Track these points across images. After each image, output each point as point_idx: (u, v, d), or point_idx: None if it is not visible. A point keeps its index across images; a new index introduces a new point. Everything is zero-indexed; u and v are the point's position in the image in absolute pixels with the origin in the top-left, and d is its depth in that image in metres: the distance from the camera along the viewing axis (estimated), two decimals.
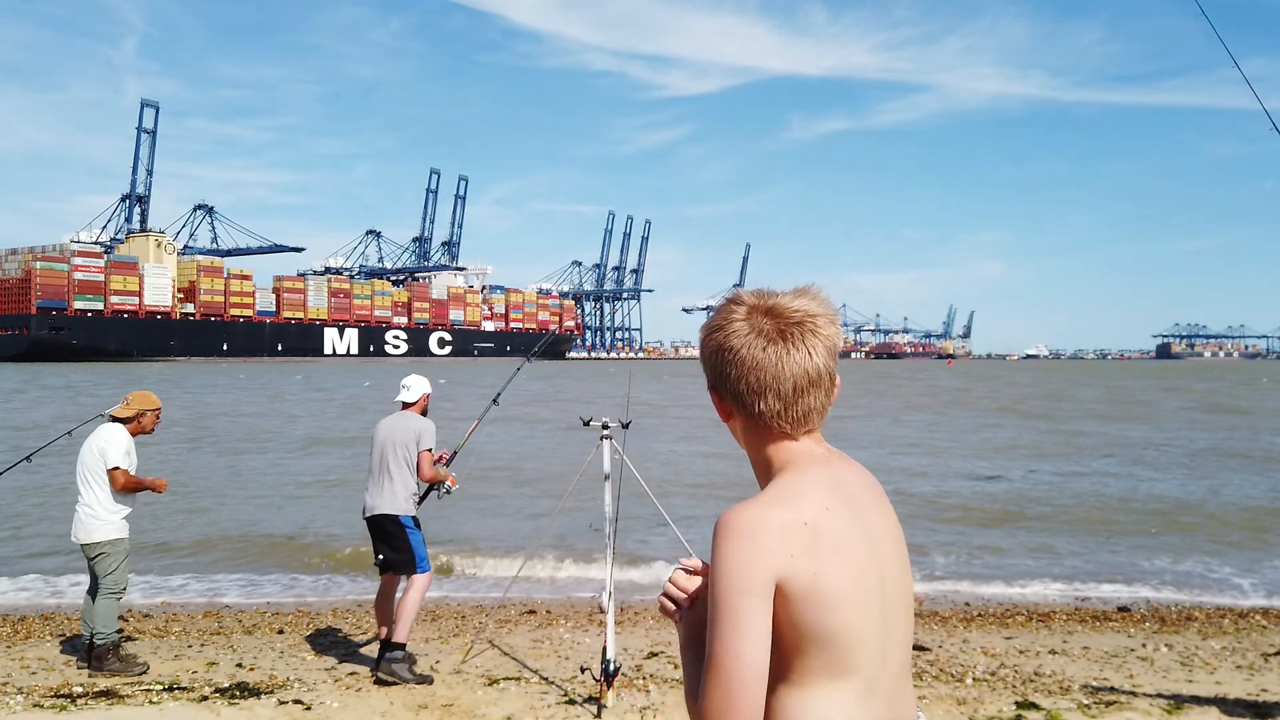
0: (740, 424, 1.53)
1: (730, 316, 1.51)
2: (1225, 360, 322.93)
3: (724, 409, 1.54)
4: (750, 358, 1.46)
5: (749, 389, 1.47)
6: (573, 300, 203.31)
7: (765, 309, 1.49)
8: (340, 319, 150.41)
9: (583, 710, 5.35)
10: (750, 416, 1.49)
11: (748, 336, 1.47)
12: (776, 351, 1.46)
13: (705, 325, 1.56)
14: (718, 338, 1.51)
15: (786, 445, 1.50)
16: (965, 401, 44.53)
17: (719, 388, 1.53)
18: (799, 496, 1.42)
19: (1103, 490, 15.54)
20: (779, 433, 1.49)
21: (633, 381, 8.07)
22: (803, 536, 1.37)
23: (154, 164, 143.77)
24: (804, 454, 1.49)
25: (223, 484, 16.28)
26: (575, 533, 10.94)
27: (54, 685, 5.82)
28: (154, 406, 6.36)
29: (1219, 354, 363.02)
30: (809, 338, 1.47)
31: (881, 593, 1.43)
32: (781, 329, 1.47)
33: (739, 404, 1.50)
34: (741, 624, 1.33)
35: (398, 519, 6.00)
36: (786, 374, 1.45)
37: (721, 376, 1.50)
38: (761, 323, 1.48)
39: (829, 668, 1.38)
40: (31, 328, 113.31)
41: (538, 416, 30.78)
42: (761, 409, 1.47)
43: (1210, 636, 7.26)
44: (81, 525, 6.09)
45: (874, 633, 1.41)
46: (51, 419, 27.53)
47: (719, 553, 1.37)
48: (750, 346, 1.47)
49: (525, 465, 18.25)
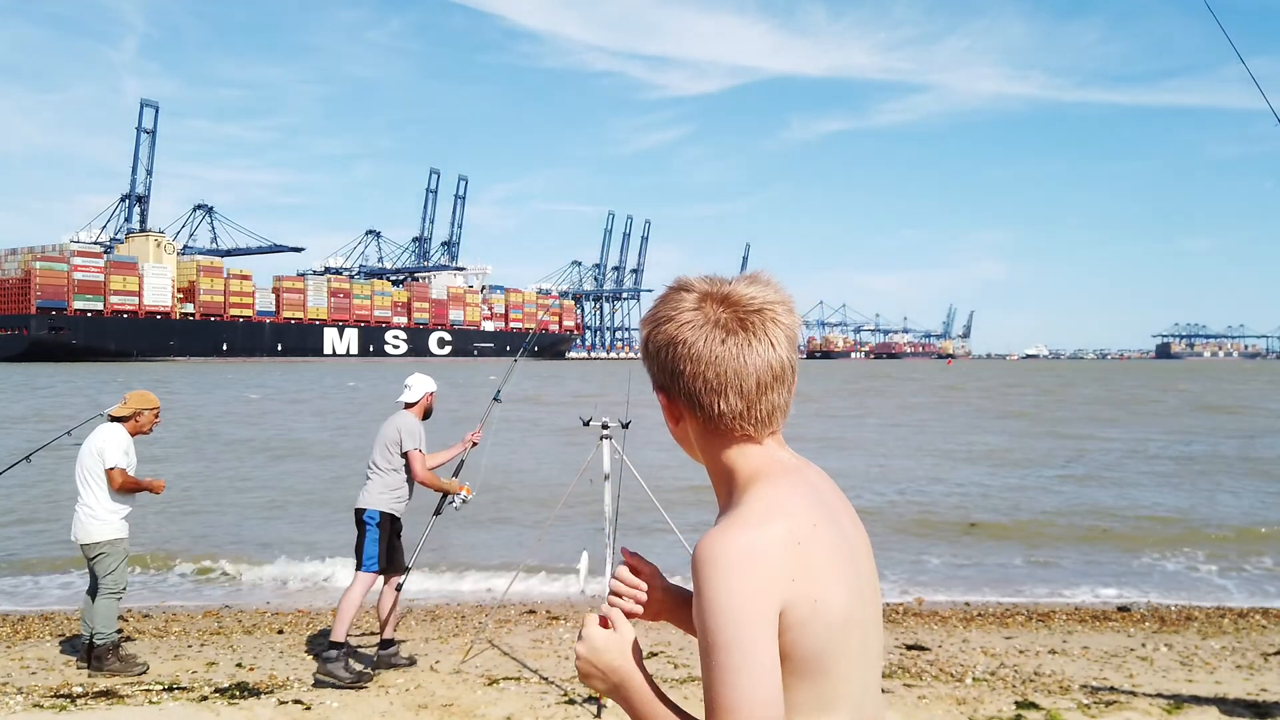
0: (694, 428, 1.35)
1: (680, 306, 1.31)
2: (1225, 360, 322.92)
3: (673, 412, 1.35)
4: (707, 351, 1.28)
5: (706, 387, 1.28)
6: (572, 300, 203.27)
7: (719, 297, 1.31)
8: (340, 319, 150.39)
9: (582, 710, 5.35)
10: (708, 419, 1.31)
11: (703, 328, 1.29)
12: (737, 343, 1.28)
13: (649, 316, 1.36)
14: (667, 330, 1.31)
15: (751, 450, 1.32)
16: (956, 402, 44.52)
17: (668, 387, 1.33)
18: (784, 513, 1.25)
19: (1085, 495, 15.55)
20: (741, 436, 1.31)
21: (612, 382, 8.06)
22: (797, 557, 1.21)
23: (154, 164, 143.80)
24: (773, 461, 1.32)
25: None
26: (575, 533, 10.93)
27: (54, 685, 5.82)
28: (151, 406, 6.35)
29: (1219, 354, 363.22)
30: (770, 327, 1.30)
31: (864, 614, 1.30)
32: (741, 318, 1.29)
33: (693, 405, 1.31)
34: (750, 661, 1.16)
35: (363, 514, 6.02)
36: (749, 368, 1.28)
37: (672, 374, 1.31)
38: (716, 312, 1.29)
39: (817, 702, 1.25)
40: (31, 328, 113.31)
41: (531, 417, 30.77)
42: (722, 409, 1.29)
43: (1210, 636, 7.26)
44: (81, 525, 6.09)
45: (860, 659, 1.29)
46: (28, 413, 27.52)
47: (711, 586, 1.18)
48: (707, 339, 1.28)
49: (525, 465, 18.25)
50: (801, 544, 1.23)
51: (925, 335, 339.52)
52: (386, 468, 6.05)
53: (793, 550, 1.22)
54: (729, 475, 1.33)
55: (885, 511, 13.37)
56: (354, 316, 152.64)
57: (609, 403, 7.06)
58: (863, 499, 14.69)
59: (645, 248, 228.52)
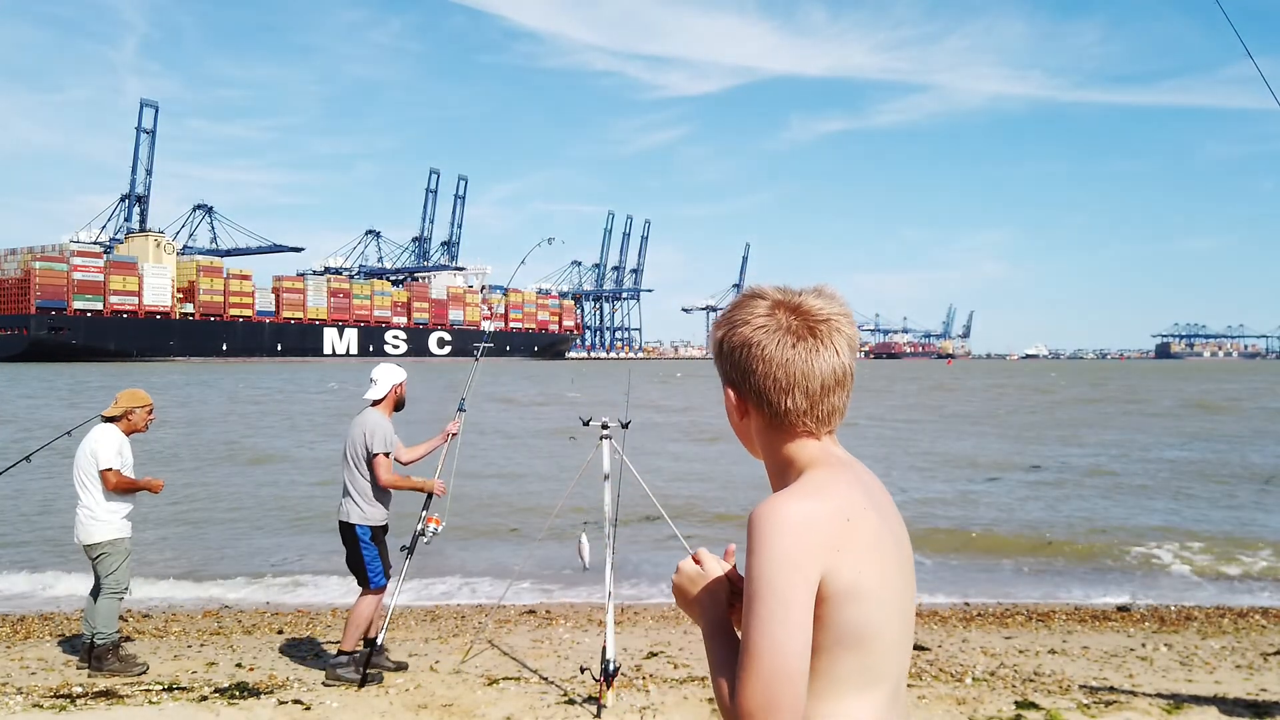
0: (758, 423, 1.48)
1: (754, 311, 1.45)
2: (1225, 360, 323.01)
3: (741, 406, 1.49)
4: (779, 354, 1.41)
5: (776, 386, 1.42)
6: (572, 300, 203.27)
7: (791, 306, 1.44)
8: (340, 319, 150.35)
9: (582, 710, 5.35)
10: (773, 415, 1.44)
11: (776, 333, 1.42)
12: (806, 348, 1.42)
13: (724, 319, 1.50)
14: (743, 332, 1.45)
15: (809, 444, 1.45)
16: (956, 403, 44.52)
17: (739, 385, 1.46)
18: (836, 493, 1.38)
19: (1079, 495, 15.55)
20: (802, 431, 1.45)
21: (604, 382, 8.06)
22: (846, 532, 1.34)
23: (153, 164, 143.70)
24: (828, 454, 1.45)
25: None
26: (574, 534, 10.93)
27: (53, 685, 5.82)
28: (142, 404, 6.34)
29: (1218, 354, 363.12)
30: (835, 336, 1.43)
31: (902, 602, 1.40)
32: (810, 326, 1.43)
33: (761, 401, 1.44)
34: (787, 614, 1.27)
35: (353, 529, 5.84)
36: (815, 372, 1.41)
37: (744, 372, 1.44)
38: (788, 319, 1.43)
39: (861, 675, 1.34)
40: (31, 328, 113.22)
41: (516, 420, 30.75)
42: (788, 406, 1.42)
43: (1209, 636, 7.26)
44: (82, 527, 6.10)
45: (897, 644, 1.39)
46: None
47: (762, 543, 1.30)
48: (779, 343, 1.42)
49: (523, 465, 18.25)
50: (850, 521, 1.35)
51: (925, 335, 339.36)
52: (358, 475, 5.82)
53: (842, 524, 1.34)
54: (786, 465, 1.46)
55: None
56: (354, 316, 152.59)
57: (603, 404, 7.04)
58: None
59: (645, 248, 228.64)
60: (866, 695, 1.35)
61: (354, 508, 5.84)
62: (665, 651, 6.66)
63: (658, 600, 8.75)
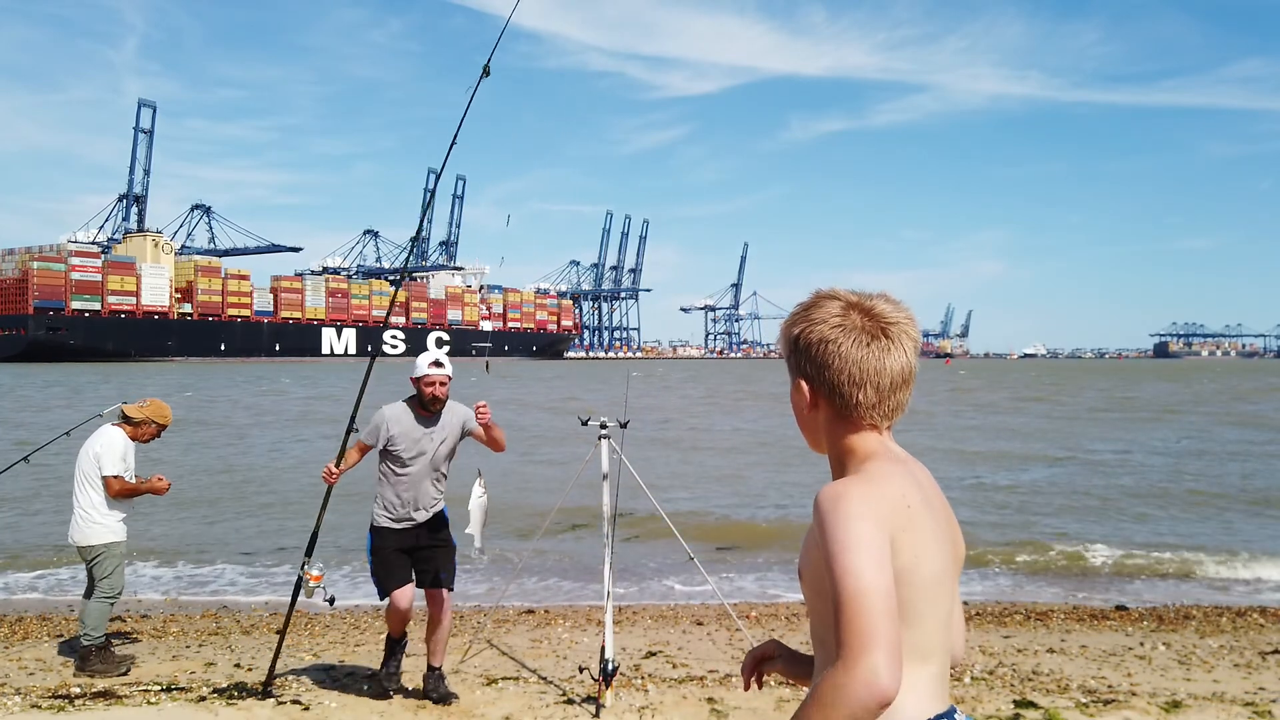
0: (827, 414, 1.58)
1: (831, 311, 1.56)
2: (1223, 359, 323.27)
3: (811, 399, 1.58)
4: (854, 352, 1.53)
5: (849, 381, 1.53)
6: (571, 300, 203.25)
7: (864, 308, 1.56)
8: (338, 319, 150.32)
9: (581, 710, 5.35)
10: (844, 407, 1.55)
11: (852, 332, 1.54)
12: (879, 348, 1.53)
13: (800, 317, 1.60)
14: (821, 330, 1.55)
15: (871, 437, 1.56)
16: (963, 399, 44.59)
17: (813, 378, 1.57)
18: (896, 483, 1.48)
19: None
20: (867, 424, 1.56)
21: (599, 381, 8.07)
22: (908, 515, 1.45)
23: (151, 164, 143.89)
24: (886, 449, 1.56)
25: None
26: (574, 533, 10.94)
27: (52, 686, 5.82)
28: (162, 419, 6.34)
29: (1216, 353, 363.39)
30: (904, 338, 1.55)
31: (950, 588, 1.53)
32: (882, 327, 1.54)
33: (833, 395, 1.55)
34: (871, 556, 1.34)
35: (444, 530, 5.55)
36: (886, 369, 1.53)
37: (819, 366, 1.55)
38: (862, 321, 1.55)
39: (916, 650, 1.44)
40: (29, 328, 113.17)
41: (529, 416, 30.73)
42: (859, 400, 1.53)
43: (1208, 635, 7.27)
44: (78, 528, 6.09)
45: (944, 626, 1.50)
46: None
47: (836, 522, 1.38)
48: (854, 341, 1.53)
49: (523, 464, 18.25)
50: (910, 507, 1.47)
51: (924, 335, 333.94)
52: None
53: (903, 508, 1.45)
54: (848, 454, 1.57)
55: None
56: (352, 316, 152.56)
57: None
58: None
59: (643, 247, 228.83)
60: (919, 668, 1.45)
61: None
62: (664, 651, 6.66)
63: (656, 600, 8.76)
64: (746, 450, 22.00)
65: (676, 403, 41.54)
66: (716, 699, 5.51)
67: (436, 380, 5.32)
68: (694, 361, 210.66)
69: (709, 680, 5.91)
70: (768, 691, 5.66)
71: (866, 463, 1.53)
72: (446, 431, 5.43)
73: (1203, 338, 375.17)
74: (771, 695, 5.58)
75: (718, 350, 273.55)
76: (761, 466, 18.87)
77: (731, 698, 5.54)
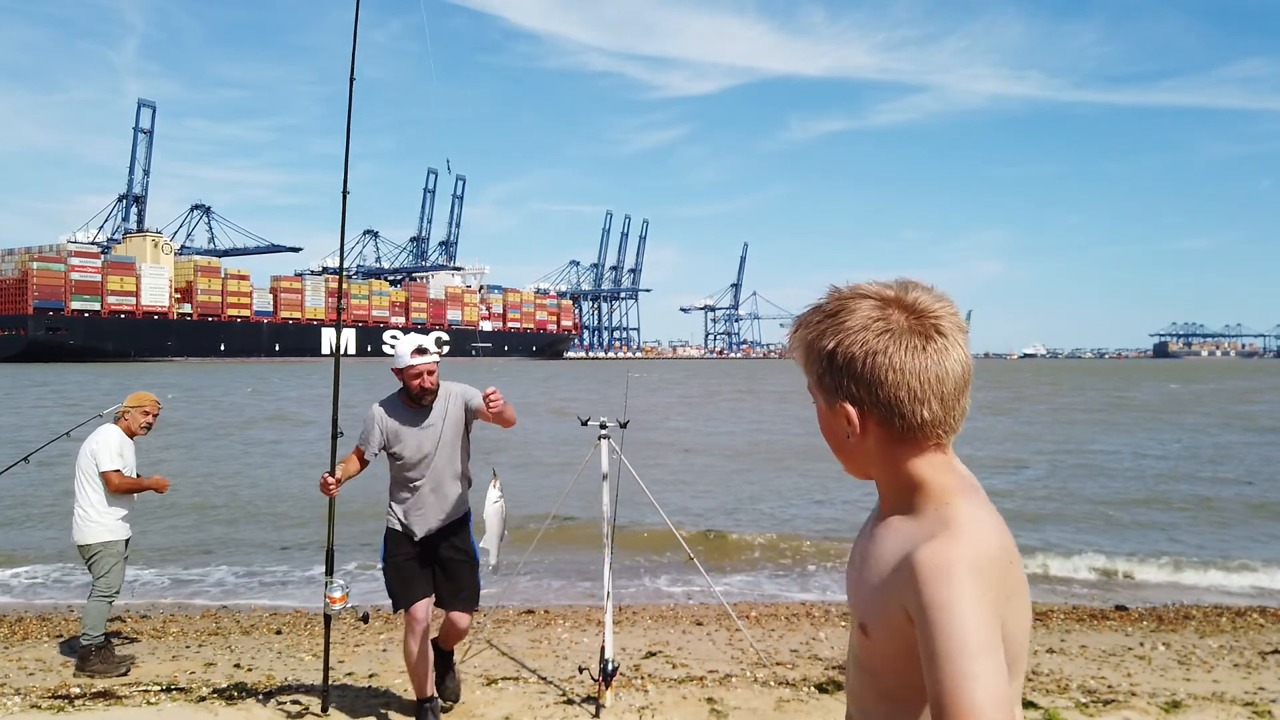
0: (880, 438, 1.31)
1: (867, 314, 1.29)
2: (1222, 360, 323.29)
3: (861, 423, 1.30)
4: (911, 361, 1.26)
5: (911, 396, 1.26)
6: (570, 300, 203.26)
7: (904, 305, 1.29)
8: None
9: (581, 710, 5.35)
10: (905, 429, 1.29)
11: (900, 336, 1.27)
12: (936, 350, 1.27)
13: (831, 326, 1.31)
14: (864, 339, 1.27)
15: (938, 460, 1.31)
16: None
17: (864, 398, 1.29)
18: (994, 530, 1.26)
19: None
20: (933, 444, 1.30)
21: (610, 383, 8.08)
22: (1011, 576, 1.24)
23: (151, 164, 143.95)
24: (960, 476, 1.32)
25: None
26: (572, 533, 10.93)
27: (51, 686, 5.82)
28: (138, 404, 6.31)
29: (1215, 353, 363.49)
30: (957, 333, 1.29)
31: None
32: (933, 324, 1.28)
33: (891, 415, 1.28)
34: (997, 664, 1.13)
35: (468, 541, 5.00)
36: (949, 375, 1.27)
37: (870, 385, 1.27)
38: (907, 319, 1.28)
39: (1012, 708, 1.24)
40: (29, 328, 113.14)
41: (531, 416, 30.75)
42: (924, 418, 1.27)
43: (1208, 635, 7.27)
44: (76, 527, 6.12)
45: (1022, 672, 1.31)
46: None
47: (949, 592, 1.16)
48: (908, 348, 1.26)
49: (523, 464, 18.24)
50: (1012, 564, 1.26)
51: None
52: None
53: (1007, 568, 1.24)
54: (916, 486, 1.31)
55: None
56: (352, 316, 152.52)
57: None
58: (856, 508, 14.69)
59: (643, 247, 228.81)
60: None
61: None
62: (664, 651, 6.66)
63: (656, 600, 8.76)
64: (747, 450, 22.00)
65: (677, 403, 41.54)
66: (716, 699, 5.51)
67: (424, 370, 4.71)
68: (693, 362, 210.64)
69: (709, 680, 5.91)
70: (768, 691, 5.66)
71: (948, 502, 1.28)
72: (446, 422, 4.79)
73: (1202, 338, 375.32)
74: (771, 695, 5.58)
75: (717, 350, 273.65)
76: (762, 467, 18.88)
77: (731, 698, 5.54)
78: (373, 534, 8.19)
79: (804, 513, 13.56)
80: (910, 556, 1.22)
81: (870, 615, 1.31)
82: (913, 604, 1.20)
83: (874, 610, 1.30)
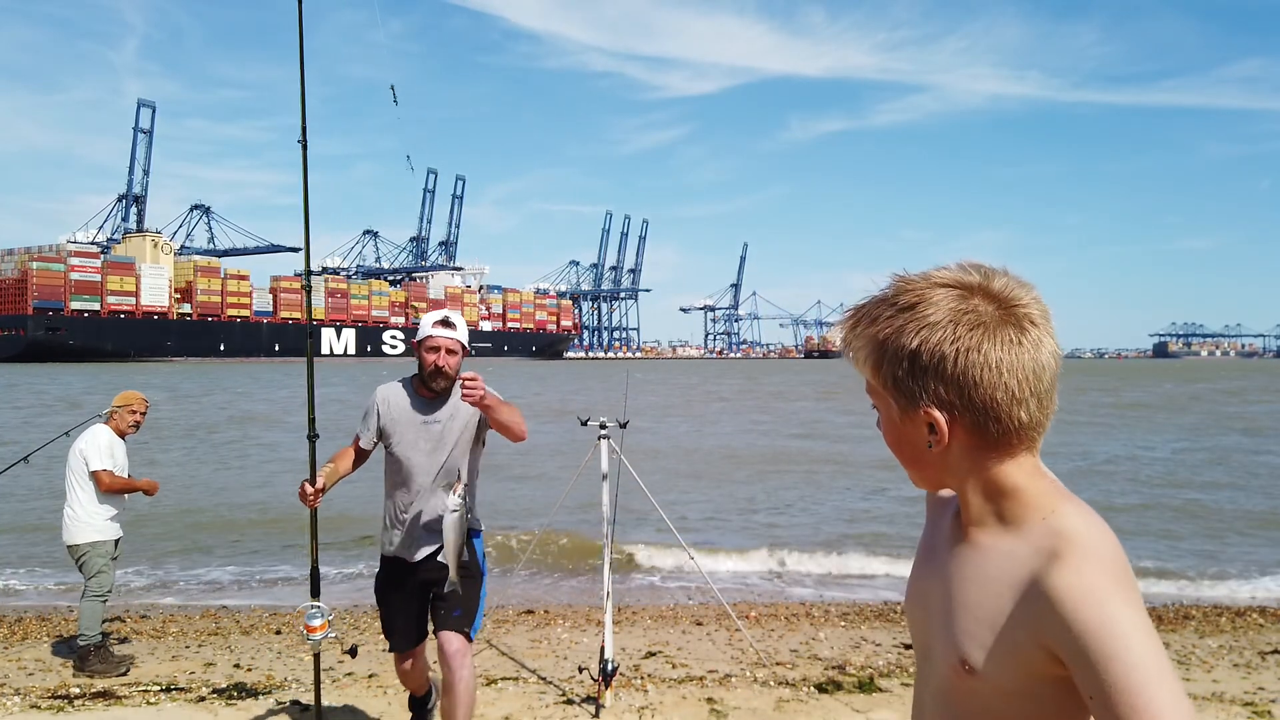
0: (968, 444, 1.17)
1: (951, 304, 1.14)
2: (1222, 360, 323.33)
3: (950, 428, 1.16)
4: (1008, 357, 1.12)
5: (1009, 397, 1.12)
6: (570, 300, 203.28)
7: (987, 292, 1.15)
8: (337, 319, 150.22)
9: (581, 710, 5.34)
10: (1000, 433, 1.15)
11: (992, 329, 1.13)
12: (1031, 343, 1.13)
13: (909, 321, 1.15)
14: (953, 335, 1.13)
15: (1028, 464, 1.18)
16: None
17: (954, 402, 1.14)
18: (1109, 534, 1.15)
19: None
20: (1024, 447, 1.17)
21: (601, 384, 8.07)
22: (1135, 581, 1.15)
23: (151, 164, 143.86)
24: (1052, 480, 1.20)
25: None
26: (572, 533, 10.93)
27: (51, 686, 5.82)
28: (125, 403, 6.30)
29: (1215, 353, 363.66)
30: (1046, 322, 1.16)
31: None
32: (1023, 313, 1.14)
33: (985, 419, 1.14)
34: (1182, 688, 1.07)
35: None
36: (1046, 369, 1.14)
37: (962, 386, 1.13)
38: (994, 309, 1.14)
39: None
40: (28, 328, 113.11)
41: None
42: (1021, 420, 1.14)
43: (1207, 635, 7.27)
44: (66, 528, 6.14)
45: None
46: None
47: (1109, 617, 1.05)
48: (1002, 343, 1.12)
49: (522, 463, 18.25)
50: (1129, 569, 1.16)
51: None
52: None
53: (1130, 570, 1.15)
54: (1010, 495, 1.18)
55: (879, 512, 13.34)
56: (352, 316, 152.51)
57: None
58: (880, 503, 14.71)
59: (643, 247, 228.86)
60: None
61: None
62: (664, 651, 6.66)
63: (655, 600, 8.76)
64: (747, 451, 22.00)
65: (675, 404, 41.53)
66: (716, 699, 5.51)
67: (442, 344, 3.97)
68: (693, 361, 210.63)
69: (709, 680, 5.90)
70: (768, 691, 5.66)
71: (1053, 509, 1.15)
72: (457, 418, 4.06)
73: (1202, 338, 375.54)
74: (771, 695, 5.58)
75: (717, 350, 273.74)
76: (762, 467, 18.88)
77: (731, 698, 5.54)
78: (375, 523, 8.15)
79: (804, 513, 13.57)
80: (1041, 582, 1.09)
81: (978, 650, 1.16)
82: (1060, 636, 1.07)
83: (985, 644, 1.15)
